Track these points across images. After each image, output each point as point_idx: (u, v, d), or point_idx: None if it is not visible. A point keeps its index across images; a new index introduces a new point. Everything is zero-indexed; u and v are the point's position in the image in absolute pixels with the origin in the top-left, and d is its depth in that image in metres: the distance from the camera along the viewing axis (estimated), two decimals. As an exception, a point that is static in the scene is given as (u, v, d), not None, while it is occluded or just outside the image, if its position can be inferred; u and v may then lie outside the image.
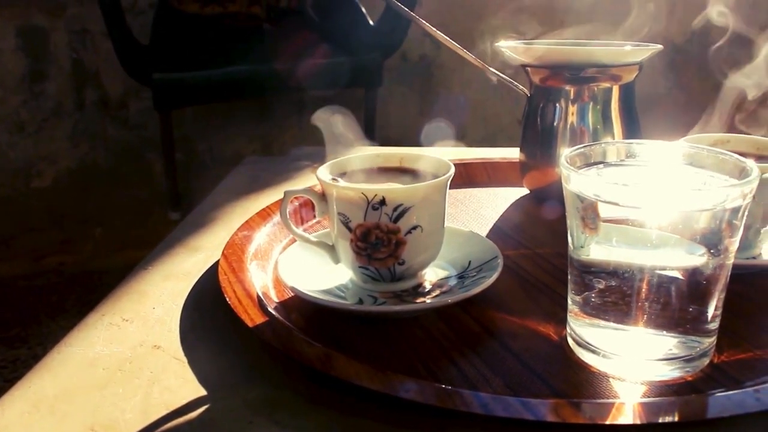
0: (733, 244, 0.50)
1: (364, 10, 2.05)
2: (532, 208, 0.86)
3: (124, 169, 2.48)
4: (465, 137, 2.43)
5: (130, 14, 2.28)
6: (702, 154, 0.55)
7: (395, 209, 0.59)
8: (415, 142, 1.16)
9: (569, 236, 0.53)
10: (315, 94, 2.31)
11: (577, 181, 0.50)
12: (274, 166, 1.05)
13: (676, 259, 0.49)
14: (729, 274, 0.52)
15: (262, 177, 1.00)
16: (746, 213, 0.50)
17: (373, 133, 2.02)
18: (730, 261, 0.51)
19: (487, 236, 0.78)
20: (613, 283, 0.51)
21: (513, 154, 0.94)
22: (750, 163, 0.51)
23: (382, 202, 0.58)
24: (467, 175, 0.96)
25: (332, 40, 2.04)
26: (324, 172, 0.64)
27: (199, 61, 1.99)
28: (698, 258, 0.49)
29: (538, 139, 0.84)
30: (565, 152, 0.53)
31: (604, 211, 0.50)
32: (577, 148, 0.54)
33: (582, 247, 0.52)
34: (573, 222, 0.52)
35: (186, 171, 2.26)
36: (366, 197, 0.58)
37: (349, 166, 0.66)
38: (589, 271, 0.52)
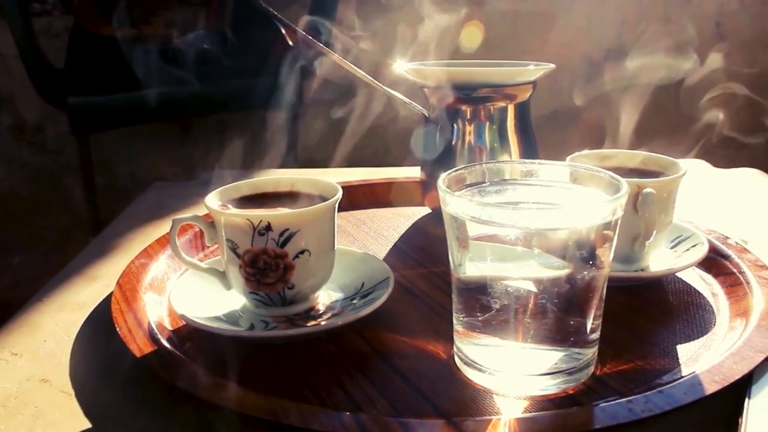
0: (607, 256, 0.52)
1: (283, 30, 2.04)
2: (432, 227, 0.87)
3: (42, 196, 2.42)
4: (387, 154, 2.44)
5: (45, 37, 2.23)
6: (579, 171, 0.57)
7: (281, 234, 0.59)
8: (339, 163, 1.16)
9: (450, 256, 0.54)
10: (237, 115, 2.31)
11: (451, 202, 0.51)
12: (182, 191, 1.05)
13: (551, 274, 0.51)
14: (605, 285, 0.53)
15: (168, 203, 0.99)
16: (618, 226, 0.51)
17: (295, 155, 2.02)
18: (605, 272, 0.52)
19: (386, 256, 0.79)
20: (492, 301, 0.52)
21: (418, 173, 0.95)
22: (621, 180, 0.53)
23: (268, 227, 0.59)
24: (372, 195, 0.96)
25: (251, 61, 2.03)
26: (213, 199, 0.64)
27: (116, 84, 1.96)
28: (574, 272, 0.50)
29: (437, 159, 0.85)
30: (443, 175, 0.54)
31: (478, 230, 0.51)
32: (455, 170, 0.55)
33: (460, 265, 0.53)
34: (452, 242, 0.53)
35: (107, 196, 2.22)
36: (252, 223, 0.59)
37: (239, 192, 0.66)
38: (469, 289, 0.53)
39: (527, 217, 0.49)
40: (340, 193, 0.63)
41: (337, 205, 0.63)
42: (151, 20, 2.00)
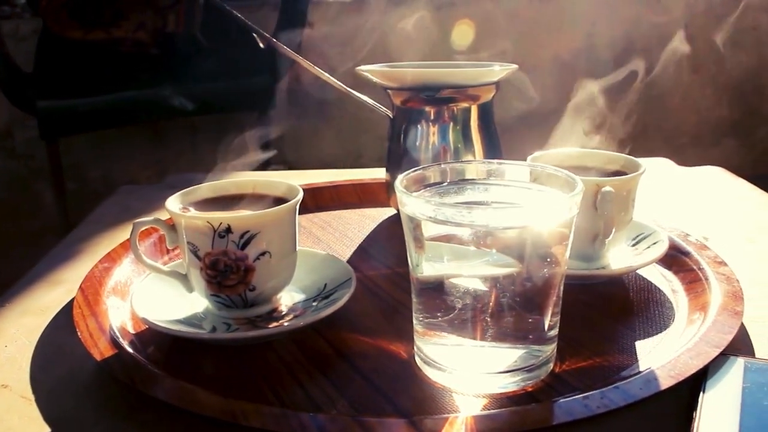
0: (564, 254, 0.53)
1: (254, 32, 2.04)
2: (397, 228, 0.87)
3: (12, 201, 2.40)
4: (361, 157, 2.45)
5: (12, 41, 2.22)
6: (538, 171, 0.57)
7: (242, 236, 0.59)
8: (312, 165, 1.17)
9: (408, 256, 0.55)
10: (208, 118, 2.30)
11: (408, 202, 0.52)
12: (148, 194, 1.04)
13: (507, 273, 0.51)
14: (563, 282, 0.54)
15: (135, 206, 0.99)
16: (574, 225, 0.52)
17: (267, 157, 2.01)
18: (562, 270, 0.53)
19: (351, 257, 0.79)
20: (450, 301, 0.52)
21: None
22: (576, 178, 0.53)
23: (228, 229, 0.59)
24: (338, 197, 0.97)
25: (222, 64, 2.03)
26: (174, 202, 0.64)
27: (86, 88, 1.95)
28: (530, 270, 0.51)
29: (402, 159, 0.85)
30: (400, 176, 0.54)
31: (434, 230, 0.51)
32: (413, 171, 0.56)
33: (418, 266, 0.53)
34: (409, 242, 0.54)
35: (78, 200, 2.20)
36: (212, 225, 0.59)
37: (200, 194, 0.66)
38: (427, 289, 0.54)
39: (482, 217, 0.49)
40: (300, 195, 0.63)
41: (298, 207, 0.64)
42: (121, 23, 1.99)
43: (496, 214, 0.50)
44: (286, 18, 2.10)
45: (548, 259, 0.52)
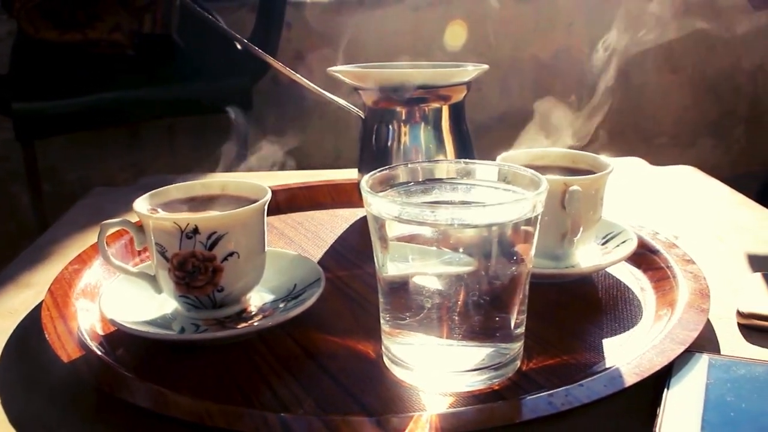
0: (529, 252, 0.53)
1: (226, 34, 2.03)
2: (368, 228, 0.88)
3: (-12, 203, 2.39)
4: (340, 158, 2.45)
5: (-13, 42, 2.20)
6: (505, 170, 0.58)
7: (209, 237, 0.59)
8: (289, 166, 1.16)
9: (375, 256, 0.55)
10: (186, 120, 2.29)
11: (373, 202, 0.52)
12: (121, 196, 1.03)
13: (471, 272, 0.51)
14: (528, 280, 0.54)
15: (108, 208, 0.98)
16: (538, 223, 0.52)
17: (245, 158, 2.01)
18: (527, 268, 0.53)
19: (322, 258, 0.79)
20: (416, 300, 0.52)
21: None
22: (541, 177, 0.54)
23: (195, 230, 0.59)
24: (311, 198, 0.97)
25: (199, 65, 2.02)
26: (141, 203, 0.63)
27: (62, 90, 1.94)
28: (495, 268, 0.51)
29: (374, 160, 0.85)
30: (366, 176, 0.55)
31: (398, 230, 0.51)
32: (379, 171, 0.56)
33: (383, 266, 0.54)
34: (375, 242, 0.54)
35: (55, 203, 2.19)
36: (179, 226, 0.59)
37: (169, 196, 0.66)
38: (393, 289, 0.54)
39: (446, 216, 0.50)
40: (268, 195, 0.64)
41: (266, 207, 0.64)
42: (96, 25, 1.98)
43: (460, 213, 0.50)
44: (263, 19, 2.09)
45: (513, 258, 0.52)
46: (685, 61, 2.67)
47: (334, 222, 0.90)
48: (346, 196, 0.97)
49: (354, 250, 0.81)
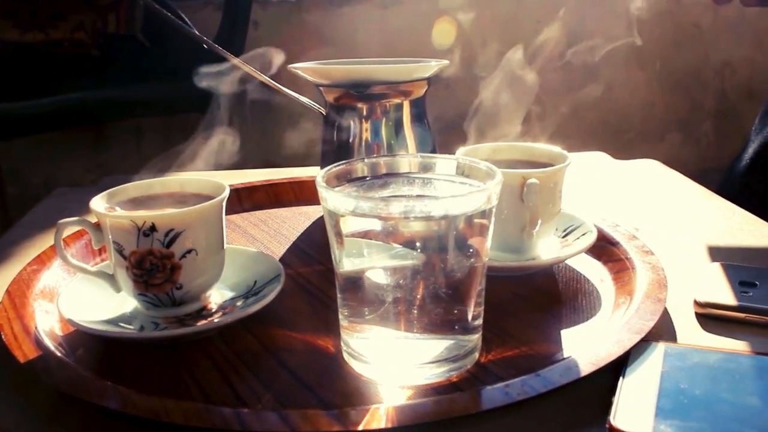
0: (484, 244, 0.53)
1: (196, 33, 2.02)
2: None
3: (-48, 207, 2.36)
4: (309, 157, 2.44)
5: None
6: (462, 163, 0.58)
7: (166, 234, 0.59)
8: (257, 165, 1.16)
9: (331, 252, 0.55)
10: (153, 120, 2.28)
11: (327, 197, 0.52)
12: (84, 197, 1.02)
13: (425, 265, 0.52)
14: (485, 272, 0.54)
15: (70, 209, 0.97)
16: (493, 215, 0.53)
17: (211, 157, 2.00)
18: (483, 261, 0.54)
19: (284, 255, 0.79)
20: (372, 295, 0.53)
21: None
22: (496, 170, 0.54)
23: (153, 228, 0.58)
24: (274, 195, 0.97)
25: (164, 65, 2.01)
26: (98, 201, 0.63)
27: (25, 91, 1.92)
28: (450, 261, 0.51)
29: (336, 156, 0.85)
30: (321, 171, 0.55)
31: (353, 224, 0.51)
32: (335, 166, 0.56)
33: (339, 261, 0.54)
34: (332, 238, 0.54)
35: (19, 205, 2.17)
36: (136, 224, 0.58)
37: (127, 194, 0.66)
38: (349, 284, 0.54)
39: (399, 209, 0.50)
40: (226, 192, 0.63)
41: (224, 204, 0.63)
42: (58, 24, 1.96)
43: (414, 206, 0.51)
44: (229, 18, 2.09)
45: (469, 250, 0.52)
46: (653, 57, 2.70)
47: (297, 219, 0.90)
48: (310, 193, 0.97)
49: (316, 246, 0.81)
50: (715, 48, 2.73)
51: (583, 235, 0.75)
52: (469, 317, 0.54)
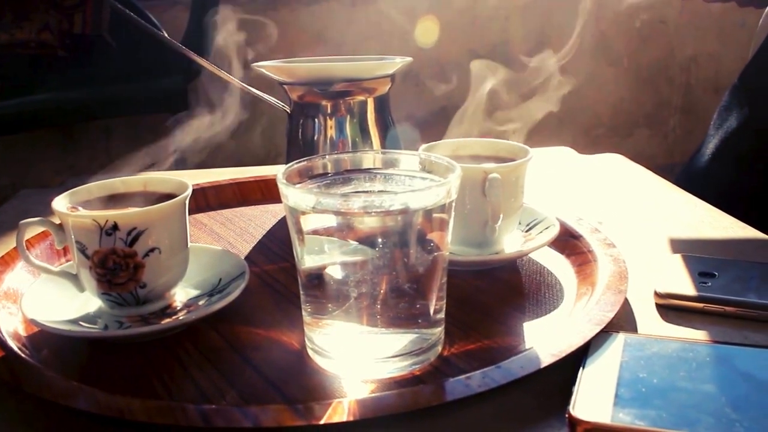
0: (444, 239, 0.54)
1: (165, 33, 2.01)
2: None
3: None
4: (280, 155, 2.44)
5: None
6: (424, 159, 0.59)
7: (129, 233, 0.59)
8: (228, 164, 1.16)
9: (294, 250, 0.55)
10: (122, 120, 2.26)
11: (288, 194, 0.52)
12: (48, 197, 1.02)
13: (385, 260, 0.52)
14: (446, 266, 0.55)
15: (34, 210, 0.96)
16: (453, 210, 0.53)
17: (181, 156, 1.99)
18: (444, 255, 0.54)
19: (250, 252, 0.79)
20: (333, 291, 0.53)
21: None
22: (455, 165, 0.54)
23: (115, 227, 0.58)
24: (241, 194, 0.97)
25: (133, 65, 2.00)
26: (61, 201, 0.63)
27: (-9, 93, 1.91)
28: (411, 255, 0.52)
29: (301, 154, 0.85)
30: (282, 169, 0.55)
31: (313, 221, 0.52)
32: (296, 163, 0.57)
33: (301, 258, 0.54)
34: (293, 235, 0.54)
35: (-13, 208, 2.15)
36: (98, 223, 0.58)
37: (90, 194, 0.66)
38: (311, 281, 0.55)
39: (359, 204, 0.50)
40: (189, 191, 0.63)
41: (187, 202, 0.64)
42: (23, 25, 1.95)
43: (373, 201, 0.51)
44: (196, 18, 2.08)
45: (430, 245, 0.53)
46: (621, 53, 2.72)
47: (264, 217, 0.90)
48: (276, 191, 0.96)
49: (282, 243, 0.82)
50: (681, 43, 2.76)
51: (546, 228, 0.76)
52: (432, 311, 0.55)
